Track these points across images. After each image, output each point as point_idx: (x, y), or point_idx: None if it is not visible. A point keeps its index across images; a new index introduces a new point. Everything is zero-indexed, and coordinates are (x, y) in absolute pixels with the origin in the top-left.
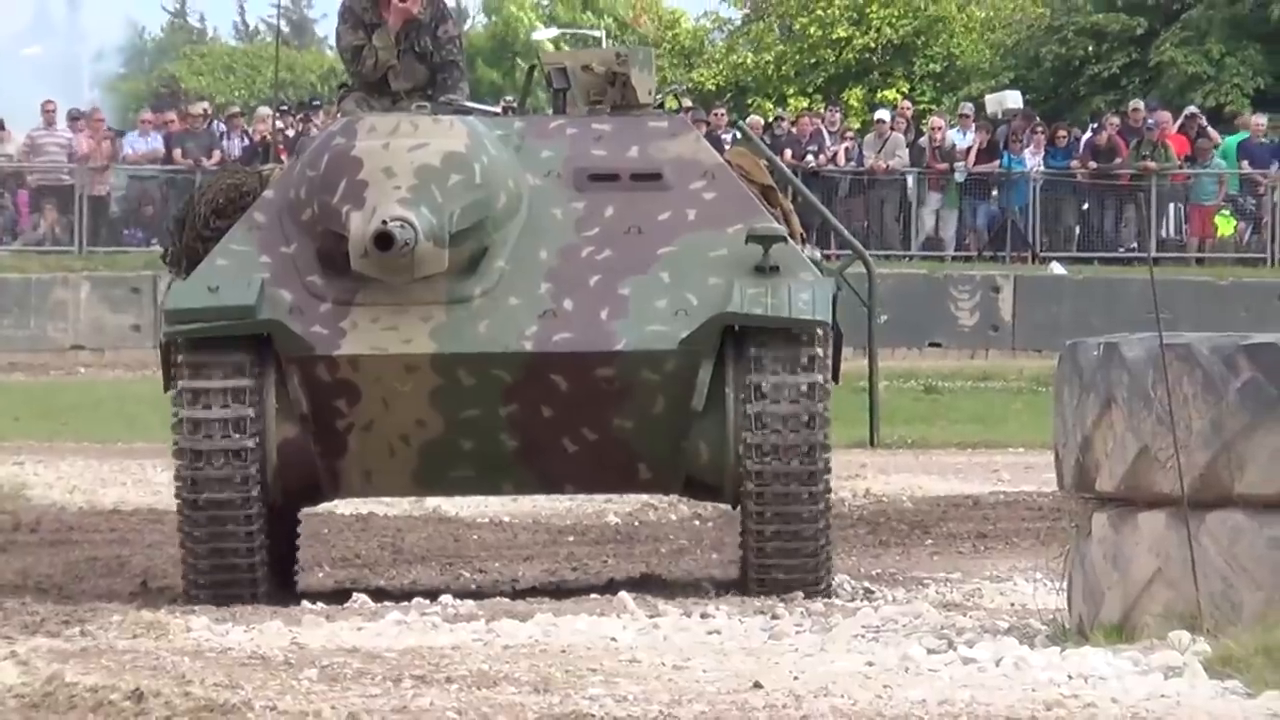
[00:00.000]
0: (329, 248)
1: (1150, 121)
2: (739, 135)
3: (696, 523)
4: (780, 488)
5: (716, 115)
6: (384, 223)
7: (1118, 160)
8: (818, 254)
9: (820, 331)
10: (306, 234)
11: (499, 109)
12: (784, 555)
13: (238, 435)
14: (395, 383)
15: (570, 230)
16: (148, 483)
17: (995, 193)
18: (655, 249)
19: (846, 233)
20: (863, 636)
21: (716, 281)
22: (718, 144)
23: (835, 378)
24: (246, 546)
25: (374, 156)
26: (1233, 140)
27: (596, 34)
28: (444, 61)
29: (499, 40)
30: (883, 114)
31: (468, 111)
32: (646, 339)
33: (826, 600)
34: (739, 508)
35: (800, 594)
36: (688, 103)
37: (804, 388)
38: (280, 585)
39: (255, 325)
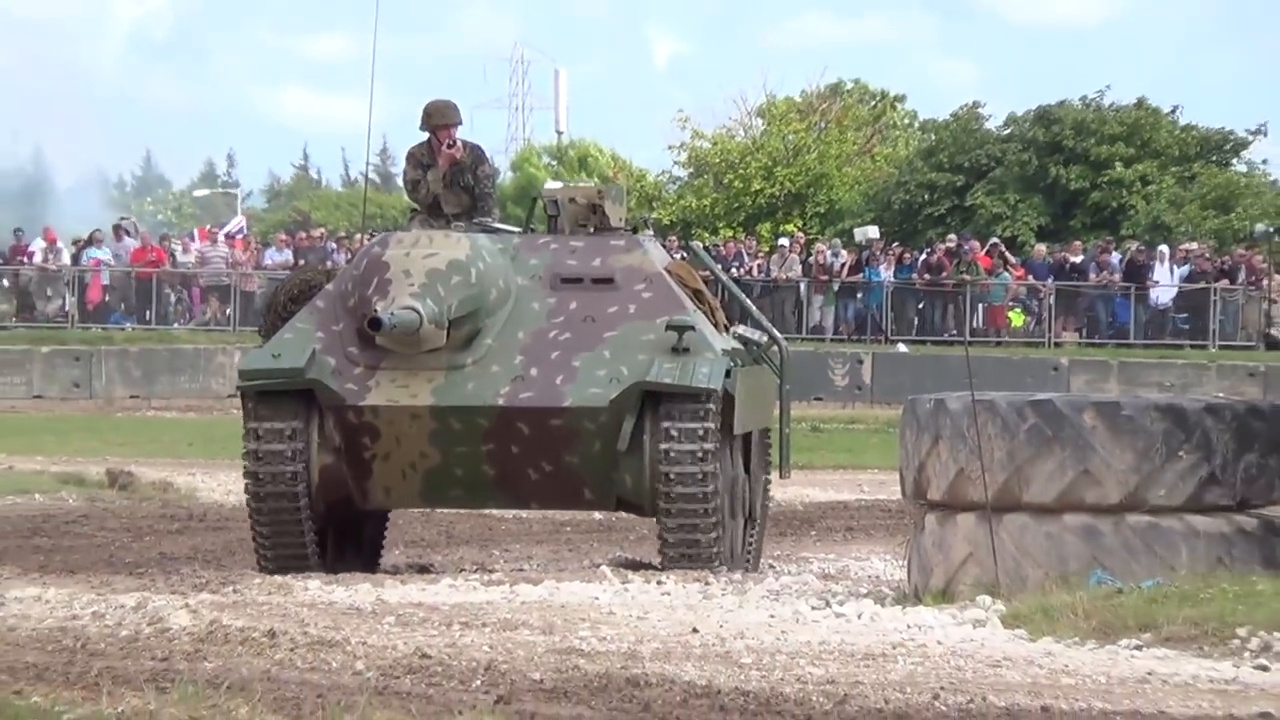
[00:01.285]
0: (361, 325)
1: (965, 247)
2: (689, 253)
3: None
4: (682, 505)
5: (670, 240)
6: (375, 312)
7: (944, 274)
8: (754, 333)
9: (715, 395)
10: (350, 316)
11: (519, 230)
12: (685, 548)
13: (289, 461)
14: (404, 426)
15: (543, 318)
16: None
17: (860, 295)
18: (603, 333)
19: (766, 322)
20: (767, 597)
21: (643, 358)
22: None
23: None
24: (298, 540)
25: (397, 262)
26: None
27: (588, 183)
28: (482, 193)
29: (521, 188)
30: (784, 241)
31: (494, 230)
32: (587, 398)
33: (742, 572)
34: (656, 519)
35: (725, 568)
36: (649, 230)
37: (700, 433)
38: (367, 566)
39: (301, 382)
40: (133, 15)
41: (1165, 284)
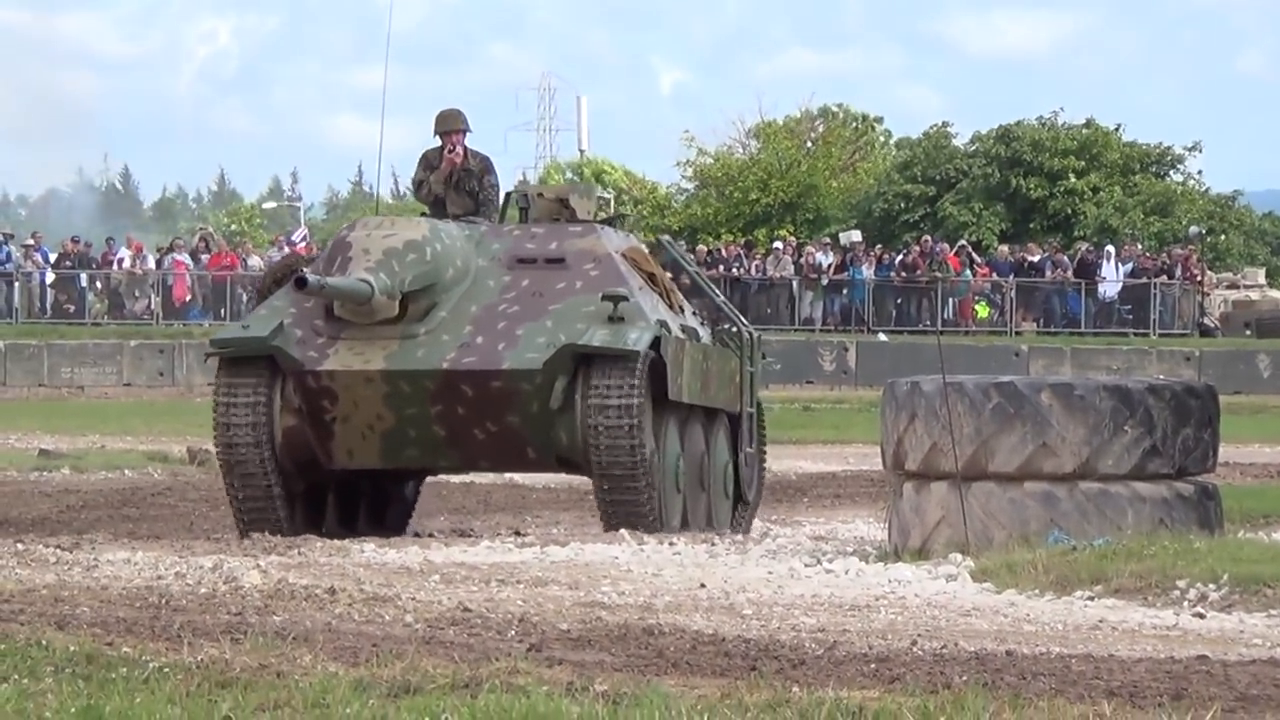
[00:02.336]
0: (329, 302)
1: (937, 249)
2: (659, 247)
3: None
4: (611, 460)
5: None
6: (302, 270)
7: (918, 272)
8: (697, 324)
9: (640, 356)
10: None
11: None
12: (619, 505)
13: (252, 421)
14: (360, 390)
15: (496, 294)
16: None
17: (845, 291)
18: (548, 306)
19: (732, 309)
20: (766, 556)
21: (582, 326)
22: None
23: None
24: (267, 496)
25: (359, 241)
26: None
27: (606, 196)
28: (485, 200)
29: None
30: (778, 245)
31: (479, 222)
32: (523, 362)
33: (745, 534)
34: (592, 479)
35: (728, 530)
36: (623, 222)
37: (626, 391)
38: (396, 530)
39: (264, 349)
40: (204, 52)
41: (1111, 280)
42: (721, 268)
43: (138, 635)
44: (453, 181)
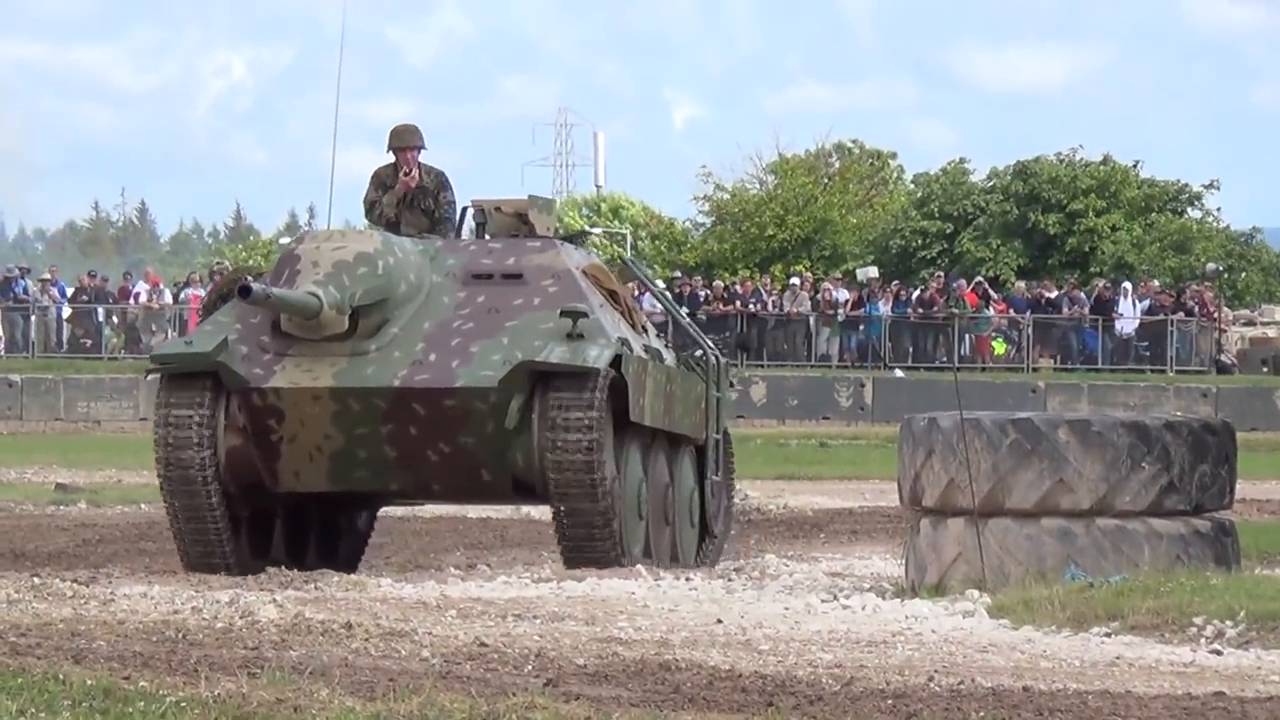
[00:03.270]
0: (275, 317)
1: (954, 285)
2: (624, 265)
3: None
4: (569, 484)
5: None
6: (246, 279)
7: (935, 308)
8: (661, 346)
9: (600, 374)
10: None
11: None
12: (579, 537)
13: (195, 441)
14: (307, 408)
15: (451, 311)
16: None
17: (862, 327)
18: (504, 323)
19: (697, 331)
20: (783, 592)
21: (539, 343)
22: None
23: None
24: (212, 522)
25: (308, 254)
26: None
27: (624, 231)
28: (441, 218)
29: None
30: (795, 280)
31: (434, 238)
32: (477, 379)
33: (760, 570)
34: (551, 507)
35: (743, 564)
36: (586, 239)
37: (584, 410)
38: (349, 564)
39: (207, 365)
40: (218, 86)
41: (1129, 317)
42: (738, 303)
43: (154, 669)
44: (407, 201)
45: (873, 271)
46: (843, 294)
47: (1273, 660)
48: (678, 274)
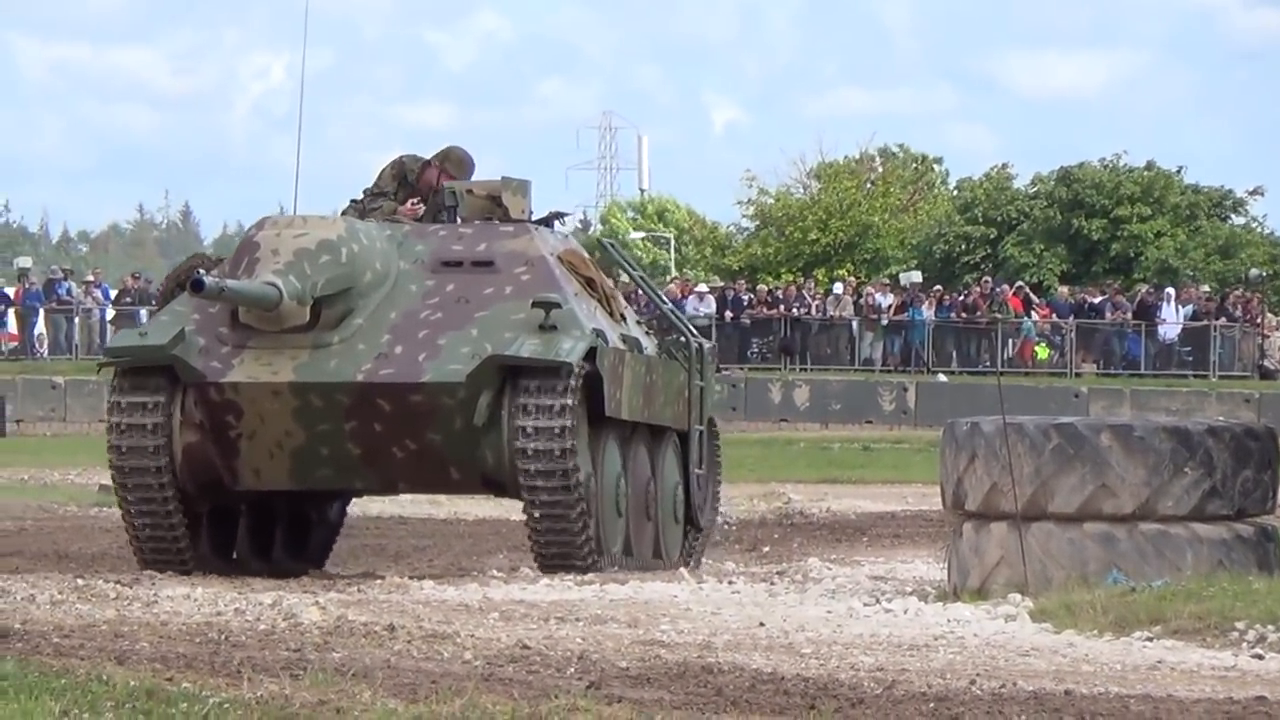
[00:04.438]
0: (234, 307)
1: (997, 290)
2: (602, 250)
3: (732, 528)
4: (541, 483)
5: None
6: (198, 272)
7: (979, 313)
8: (641, 334)
9: (572, 369)
10: None
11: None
12: (552, 539)
13: (150, 437)
14: (266, 403)
15: (418, 300)
16: (398, 504)
17: (905, 332)
18: (474, 313)
19: (681, 320)
20: (825, 595)
21: (510, 335)
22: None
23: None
24: (168, 521)
25: (268, 242)
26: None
27: (667, 235)
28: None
29: (601, 240)
30: (838, 286)
31: (403, 222)
32: (445, 374)
33: (803, 573)
34: (523, 507)
35: (786, 567)
36: (562, 224)
37: (557, 409)
38: (317, 557)
39: (162, 358)
40: (258, 89)
41: (1171, 322)
42: (782, 307)
43: (197, 671)
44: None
45: (916, 276)
46: (886, 298)
47: None
48: (718, 279)
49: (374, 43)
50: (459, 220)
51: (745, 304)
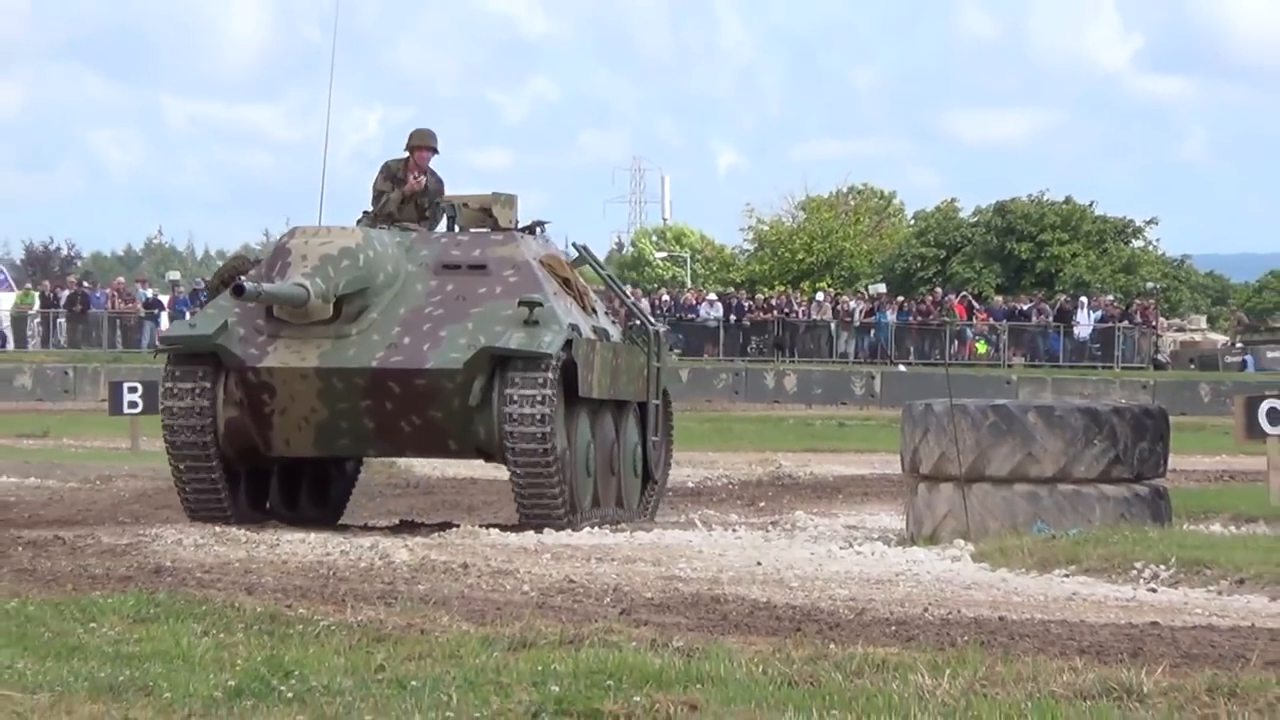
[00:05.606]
0: (269, 304)
1: (945, 299)
2: (580, 252)
3: (734, 488)
4: (525, 452)
5: (577, 245)
6: (239, 278)
7: (931, 317)
8: (609, 325)
9: (552, 359)
10: None
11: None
12: (532, 497)
13: (198, 413)
14: (295, 385)
15: (423, 298)
16: (470, 466)
17: (872, 332)
18: (470, 309)
19: (639, 309)
20: (809, 541)
21: (500, 329)
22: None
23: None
24: (212, 481)
25: (297, 249)
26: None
27: (684, 255)
28: (432, 216)
29: (635, 260)
30: (819, 295)
31: (411, 229)
32: (445, 361)
33: (791, 524)
34: (508, 469)
35: (778, 519)
36: (543, 231)
37: (539, 390)
38: (338, 505)
39: (208, 346)
40: (355, 139)
41: (1084, 324)
42: (774, 312)
43: (310, 600)
44: (411, 199)
45: (881, 288)
46: (858, 305)
47: (1197, 597)
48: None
49: (447, 100)
50: (457, 229)
51: (746, 309)
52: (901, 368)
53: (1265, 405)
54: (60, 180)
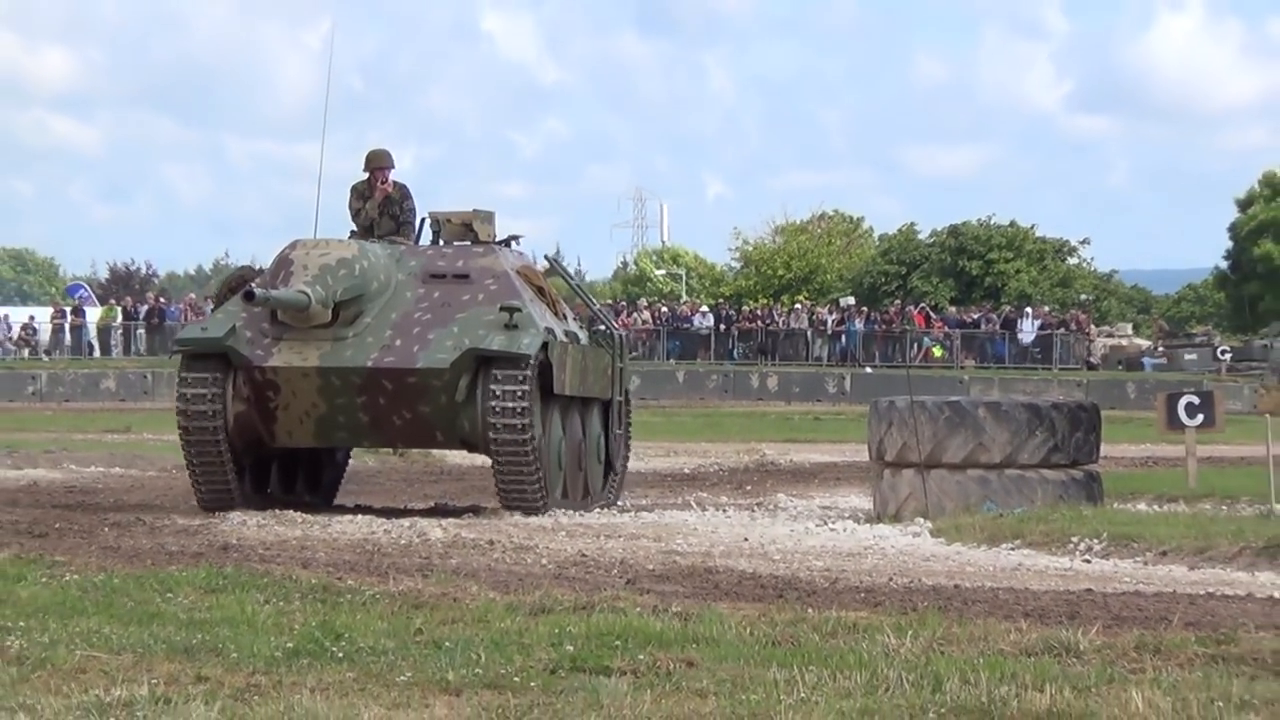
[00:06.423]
0: (273, 309)
1: (907, 309)
2: (551, 264)
3: (724, 474)
4: (505, 444)
5: (549, 257)
6: (250, 285)
7: (894, 325)
8: (577, 329)
9: (530, 360)
10: None
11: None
12: (512, 484)
13: (208, 407)
14: (298, 383)
15: (413, 304)
16: None
17: (843, 338)
18: (454, 314)
19: (605, 315)
20: (789, 519)
21: (483, 332)
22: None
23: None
24: (221, 470)
25: (299, 259)
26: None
27: (680, 272)
28: (405, 221)
29: (636, 278)
30: (797, 307)
31: (401, 242)
32: (434, 362)
33: (774, 504)
34: (491, 460)
35: (762, 500)
36: (518, 244)
37: (518, 389)
38: (329, 491)
39: (218, 347)
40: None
41: (1027, 332)
42: (759, 322)
43: (357, 572)
44: (382, 208)
45: (850, 300)
46: (830, 315)
47: (1125, 567)
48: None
49: (471, 139)
50: (441, 242)
51: (733, 319)
52: (868, 369)
53: (1183, 400)
54: (138, 210)
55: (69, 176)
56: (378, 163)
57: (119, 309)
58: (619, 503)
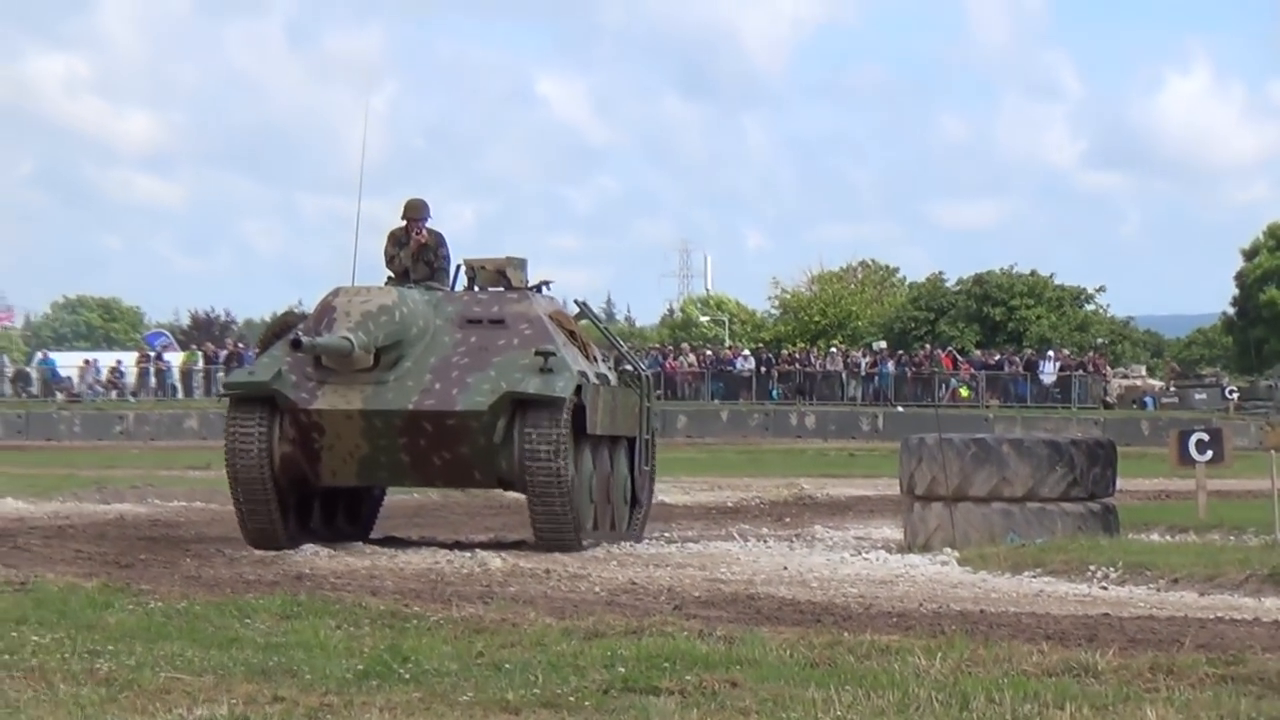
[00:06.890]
0: (318, 354)
1: (935, 353)
2: (582, 309)
3: (765, 507)
4: (541, 484)
5: (578, 301)
6: (296, 333)
7: (923, 367)
8: (607, 370)
9: (565, 402)
10: None
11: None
12: (546, 522)
13: (256, 449)
14: (341, 425)
15: (450, 348)
16: None
17: (875, 379)
18: (491, 359)
19: (633, 357)
20: (825, 549)
21: (519, 376)
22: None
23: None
24: (268, 509)
25: (342, 306)
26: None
27: (724, 318)
28: (439, 269)
29: (682, 324)
30: (833, 350)
31: (438, 289)
32: (472, 404)
33: (811, 535)
34: (526, 498)
35: (800, 531)
36: (549, 289)
37: (553, 430)
38: (368, 524)
39: (265, 391)
40: (454, 226)
41: (1048, 373)
42: (797, 364)
43: (423, 599)
44: (417, 255)
45: (882, 344)
46: (863, 358)
47: (1140, 593)
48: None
49: (527, 195)
50: (476, 289)
51: (773, 361)
52: (899, 409)
53: (1194, 437)
54: (218, 261)
55: (153, 230)
56: (413, 213)
57: (200, 354)
58: (643, 537)
